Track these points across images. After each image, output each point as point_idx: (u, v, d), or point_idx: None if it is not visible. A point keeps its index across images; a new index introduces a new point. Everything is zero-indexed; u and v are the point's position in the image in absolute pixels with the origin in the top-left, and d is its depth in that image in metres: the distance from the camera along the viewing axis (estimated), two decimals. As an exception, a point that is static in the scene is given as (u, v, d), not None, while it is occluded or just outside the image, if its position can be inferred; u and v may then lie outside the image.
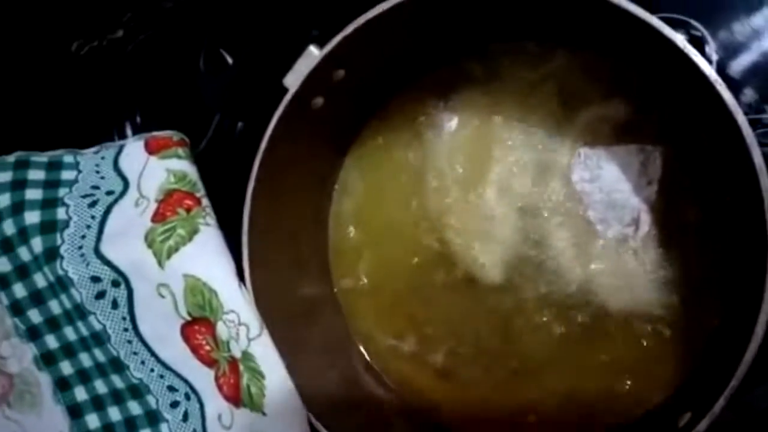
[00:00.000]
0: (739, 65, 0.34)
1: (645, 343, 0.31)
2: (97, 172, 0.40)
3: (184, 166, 0.38)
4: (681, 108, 0.32)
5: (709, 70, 0.26)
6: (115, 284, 0.35)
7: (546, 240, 0.34)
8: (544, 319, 0.33)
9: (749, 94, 0.34)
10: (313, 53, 0.32)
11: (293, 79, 0.32)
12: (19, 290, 0.38)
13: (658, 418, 0.29)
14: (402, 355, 0.37)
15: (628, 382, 0.31)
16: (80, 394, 0.39)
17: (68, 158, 0.40)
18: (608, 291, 0.32)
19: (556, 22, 0.32)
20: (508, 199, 0.35)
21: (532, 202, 0.34)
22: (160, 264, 0.34)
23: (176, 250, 0.34)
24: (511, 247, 0.34)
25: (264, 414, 0.31)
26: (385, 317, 0.37)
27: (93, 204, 0.38)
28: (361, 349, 0.37)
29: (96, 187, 0.39)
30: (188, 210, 0.36)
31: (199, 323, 0.34)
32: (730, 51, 0.34)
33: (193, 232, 0.35)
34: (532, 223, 0.34)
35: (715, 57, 0.34)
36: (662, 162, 0.32)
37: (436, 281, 0.36)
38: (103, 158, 0.40)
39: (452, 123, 0.36)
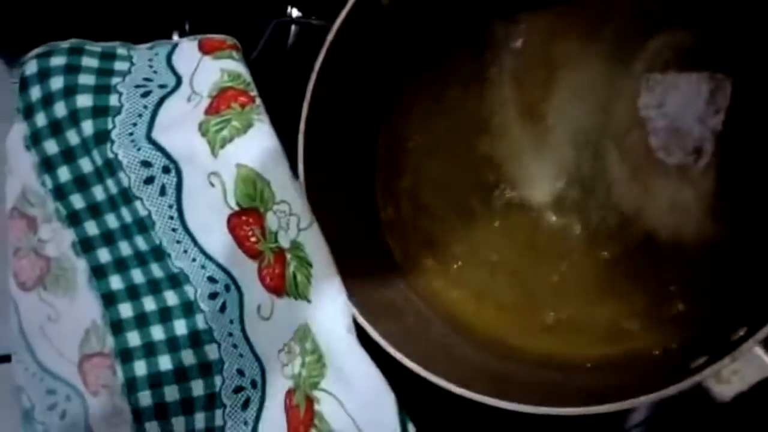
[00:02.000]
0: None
1: (694, 269, 0.31)
2: (150, 66, 0.40)
3: (238, 66, 0.38)
4: (755, 38, 0.31)
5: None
6: (166, 170, 0.35)
7: (603, 165, 0.33)
8: (591, 243, 0.33)
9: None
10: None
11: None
12: (64, 174, 0.38)
13: (708, 337, 0.29)
14: (441, 275, 0.37)
15: (680, 306, 0.31)
16: (115, 282, 0.39)
17: (122, 50, 0.40)
18: (660, 218, 0.32)
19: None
20: (568, 121, 0.34)
21: (592, 125, 0.34)
22: (213, 153, 0.34)
23: (230, 140, 0.34)
24: (565, 169, 0.34)
25: (309, 301, 0.31)
26: (426, 237, 0.37)
27: (146, 95, 0.38)
28: (401, 264, 0.37)
29: (148, 80, 0.39)
30: (242, 106, 0.36)
31: (248, 214, 0.34)
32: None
33: (248, 125, 0.35)
34: (590, 147, 0.34)
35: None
36: (732, 92, 0.31)
37: (482, 201, 0.36)
38: (156, 54, 0.40)
39: (518, 43, 0.36)
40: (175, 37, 0.49)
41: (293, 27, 0.45)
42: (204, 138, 0.35)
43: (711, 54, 0.32)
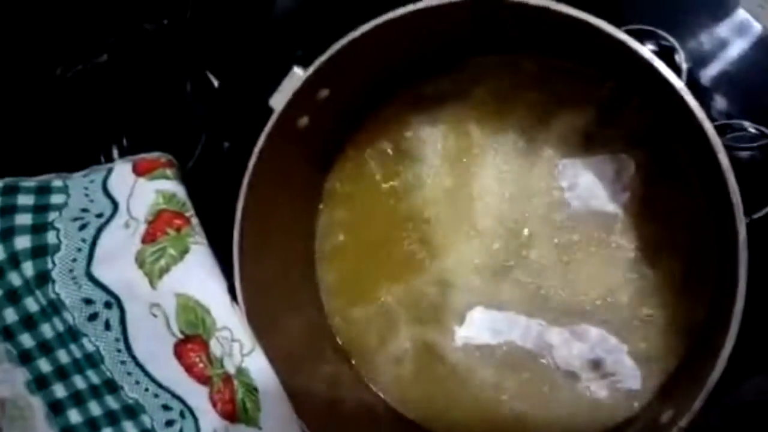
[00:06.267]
0: (708, 73, 0.35)
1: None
2: (86, 195, 0.40)
3: (172, 186, 0.39)
4: (653, 114, 0.33)
5: (675, 80, 0.27)
6: (108, 306, 0.36)
7: (526, 250, 0.35)
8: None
9: (719, 101, 0.35)
10: (298, 74, 0.33)
11: (279, 100, 0.33)
12: (10, 315, 0.39)
13: (640, 417, 0.30)
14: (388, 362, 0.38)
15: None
16: (74, 416, 0.39)
17: (57, 182, 0.41)
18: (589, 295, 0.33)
19: (528, 35, 0.33)
20: (490, 208, 0.36)
21: (513, 211, 0.35)
22: (152, 284, 0.35)
23: (167, 270, 0.35)
24: (491, 260, 0.35)
25: (260, 428, 0.31)
26: (372, 330, 0.38)
27: (83, 227, 0.38)
28: (352, 360, 0.38)
29: (86, 210, 0.39)
30: (178, 230, 0.37)
31: (192, 341, 0.34)
32: (700, 60, 0.36)
33: (184, 251, 0.36)
34: (516, 232, 0.35)
35: (685, 66, 0.35)
36: (635, 168, 0.33)
37: (417, 304, 0.37)
38: (91, 181, 0.41)
39: (433, 137, 0.37)
40: (115, 151, 0.49)
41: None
42: (141, 270, 0.35)
43: (613, 135, 0.34)
